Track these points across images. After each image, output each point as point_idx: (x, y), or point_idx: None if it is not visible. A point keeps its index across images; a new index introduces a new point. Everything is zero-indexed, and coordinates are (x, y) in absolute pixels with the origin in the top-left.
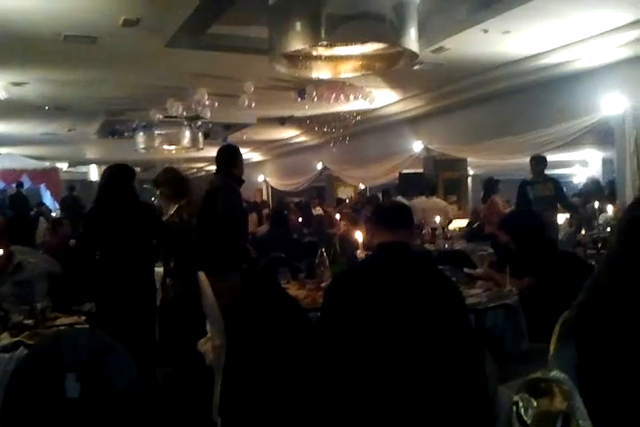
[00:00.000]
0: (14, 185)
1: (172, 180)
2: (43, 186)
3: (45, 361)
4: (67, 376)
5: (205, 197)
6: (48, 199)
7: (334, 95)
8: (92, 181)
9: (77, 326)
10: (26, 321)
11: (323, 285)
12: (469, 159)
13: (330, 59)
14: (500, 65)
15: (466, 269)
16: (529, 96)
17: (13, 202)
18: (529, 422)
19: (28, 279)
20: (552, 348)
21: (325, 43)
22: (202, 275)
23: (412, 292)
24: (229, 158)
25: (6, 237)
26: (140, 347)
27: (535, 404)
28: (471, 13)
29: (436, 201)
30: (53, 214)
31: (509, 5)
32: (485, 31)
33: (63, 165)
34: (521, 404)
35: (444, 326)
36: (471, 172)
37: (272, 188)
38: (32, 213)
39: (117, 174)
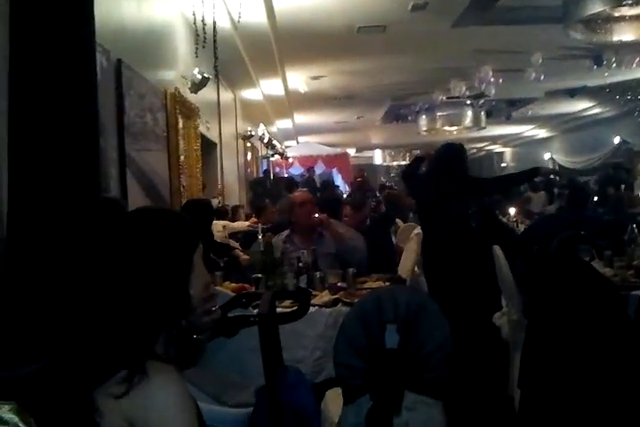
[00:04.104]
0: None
1: None
2: (335, 170)
3: (369, 314)
4: (387, 328)
5: None
6: (340, 182)
7: (638, 59)
8: (375, 165)
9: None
10: (340, 283)
11: (634, 263)
12: None
13: (634, 19)
14: None
15: None
16: None
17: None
18: None
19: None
20: None
21: (631, 1)
22: (497, 249)
23: None
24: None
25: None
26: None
27: None
28: None
29: None
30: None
31: None
32: None
33: (351, 151)
34: None
35: None
36: None
37: (560, 165)
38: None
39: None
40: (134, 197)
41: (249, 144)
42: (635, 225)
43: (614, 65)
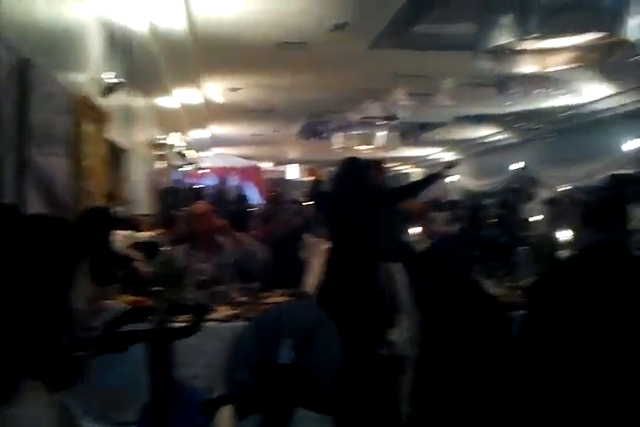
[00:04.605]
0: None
1: None
2: (249, 183)
3: (266, 329)
4: (283, 343)
5: None
6: (254, 195)
7: (538, 90)
8: (291, 180)
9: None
10: (241, 298)
11: (521, 283)
12: None
13: (537, 52)
14: None
15: None
16: None
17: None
18: None
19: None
20: None
21: (534, 36)
22: (396, 266)
23: (630, 293)
24: None
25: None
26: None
27: None
28: None
29: None
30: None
31: None
32: None
33: (267, 165)
34: None
35: None
36: None
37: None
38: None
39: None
40: (33, 203)
41: (161, 153)
42: (525, 247)
43: (517, 94)
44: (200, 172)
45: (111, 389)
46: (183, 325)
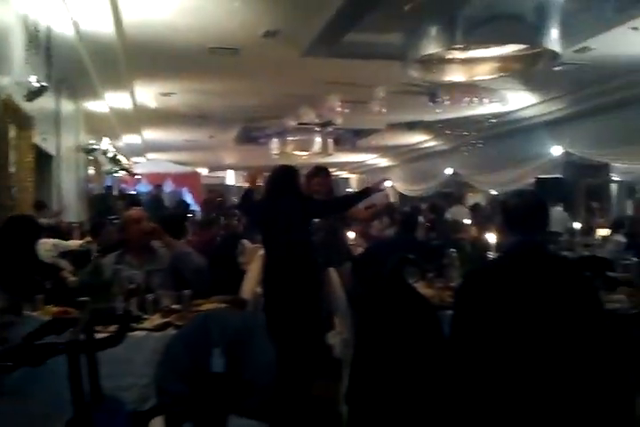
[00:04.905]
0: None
1: None
2: (184, 189)
3: (195, 337)
4: (214, 351)
5: None
6: (190, 201)
7: (467, 98)
8: (228, 186)
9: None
10: (174, 306)
11: (451, 284)
12: (617, 164)
13: (464, 62)
14: None
15: (609, 274)
16: None
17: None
18: None
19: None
20: None
21: (461, 46)
22: (332, 270)
23: (547, 292)
24: None
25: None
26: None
27: None
28: (620, 11)
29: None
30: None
31: None
32: (635, 29)
33: (203, 171)
34: None
35: (581, 329)
36: (617, 178)
37: (400, 193)
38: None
39: (286, 173)
40: None
41: (92, 158)
42: (455, 250)
43: (447, 103)
44: (133, 177)
45: (33, 402)
46: (107, 335)
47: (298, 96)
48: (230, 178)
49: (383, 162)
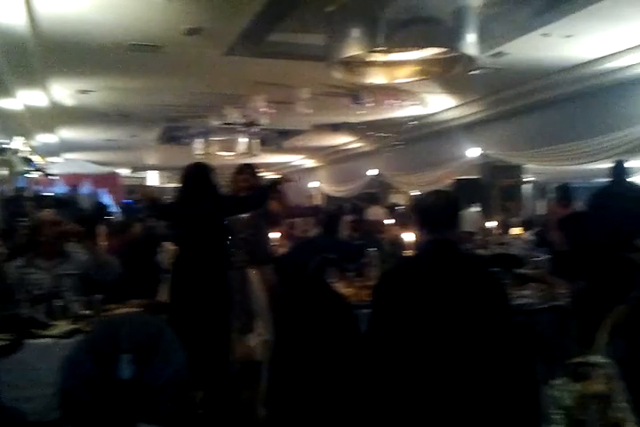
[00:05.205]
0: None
1: None
2: (103, 190)
3: (100, 343)
4: (122, 357)
5: None
6: (109, 203)
7: (389, 101)
8: (148, 186)
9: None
10: (84, 311)
11: (370, 283)
12: (529, 166)
13: (385, 64)
14: (561, 70)
15: (518, 270)
16: (591, 101)
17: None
18: (569, 403)
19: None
20: (600, 338)
21: (382, 48)
22: (251, 271)
23: (456, 288)
24: None
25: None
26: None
27: (575, 387)
28: (532, 18)
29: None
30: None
31: (573, 9)
32: (546, 35)
33: (124, 171)
34: (561, 387)
35: (488, 323)
36: (530, 178)
37: (326, 194)
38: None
39: (199, 171)
40: None
41: (3, 158)
42: (375, 249)
43: (370, 105)
44: (48, 178)
45: None
46: (2, 343)
47: (222, 95)
48: (152, 179)
49: (309, 163)
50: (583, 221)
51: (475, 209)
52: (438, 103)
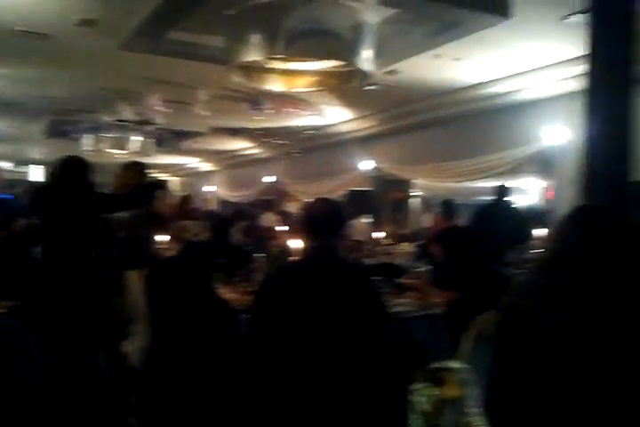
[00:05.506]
0: None
1: None
2: None
3: None
4: None
5: None
6: None
7: (287, 109)
8: (31, 182)
9: None
10: None
11: (254, 288)
12: (417, 181)
13: (284, 72)
14: (449, 91)
15: (398, 280)
16: (475, 123)
17: None
18: (427, 408)
19: None
20: (464, 344)
21: (281, 56)
22: (132, 274)
23: (332, 293)
24: None
25: None
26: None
27: (434, 391)
28: (426, 38)
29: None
30: None
31: (462, 33)
32: (437, 57)
33: (6, 165)
34: (420, 392)
35: (361, 328)
36: (418, 193)
37: (222, 198)
38: None
39: (71, 165)
40: None
41: None
42: (262, 254)
43: (267, 111)
44: None
45: None
46: None
47: (115, 91)
48: (35, 174)
49: (206, 166)
50: (459, 236)
51: (365, 220)
52: (335, 115)
